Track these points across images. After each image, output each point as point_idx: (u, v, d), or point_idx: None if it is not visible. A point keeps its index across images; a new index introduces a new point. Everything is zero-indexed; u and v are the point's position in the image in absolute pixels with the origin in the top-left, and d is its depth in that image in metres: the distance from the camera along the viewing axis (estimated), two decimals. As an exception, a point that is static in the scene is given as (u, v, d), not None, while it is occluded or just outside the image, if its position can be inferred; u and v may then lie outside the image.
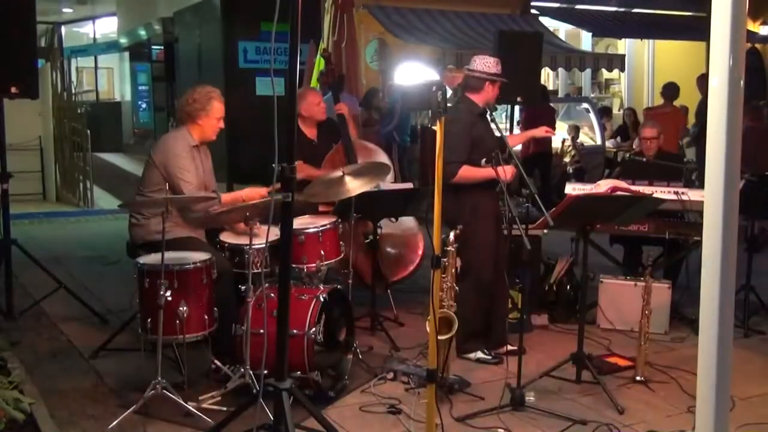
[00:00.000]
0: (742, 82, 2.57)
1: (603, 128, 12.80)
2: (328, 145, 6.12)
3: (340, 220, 5.24)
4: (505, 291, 5.31)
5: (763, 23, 17.18)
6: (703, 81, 11.23)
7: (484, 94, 5.08)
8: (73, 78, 19.79)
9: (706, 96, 9.68)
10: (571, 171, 11.52)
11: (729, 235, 2.57)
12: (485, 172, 4.84)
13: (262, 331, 4.12)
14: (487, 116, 4.99)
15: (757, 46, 17.04)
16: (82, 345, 5.32)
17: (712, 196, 2.60)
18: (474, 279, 5.00)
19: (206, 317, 4.32)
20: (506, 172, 4.75)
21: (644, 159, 6.37)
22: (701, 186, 5.28)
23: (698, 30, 12.52)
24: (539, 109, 10.30)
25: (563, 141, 11.89)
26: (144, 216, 4.88)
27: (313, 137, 6.09)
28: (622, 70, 13.90)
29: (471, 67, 5.10)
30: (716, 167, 2.57)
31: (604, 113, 13.53)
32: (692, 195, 5.56)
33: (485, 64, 5.05)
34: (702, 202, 2.74)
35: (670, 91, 11.04)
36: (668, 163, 6.26)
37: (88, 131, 11.46)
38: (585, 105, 13.18)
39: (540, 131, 5.85)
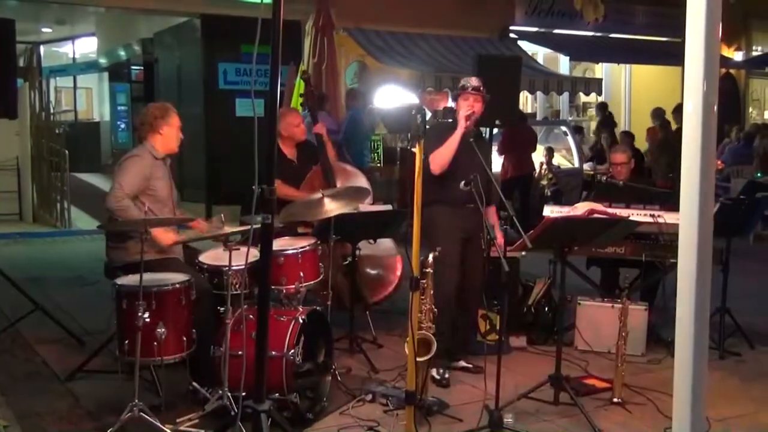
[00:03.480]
0: (715, 107, 2.61)
1: (581, 151, 12.90)
2: (308, 166, 6.14)
3: (319, 242, 5.25)
4: (471, 312, 5.32)
5: (738, 49, 17.48)
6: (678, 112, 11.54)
7: (457, 108, 5.24)
8: (52, 98, 19.67)
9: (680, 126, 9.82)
10: (548, 193, 11.59)
11: (704, 258, 2.60)
12: (450, 140, 4.98)
13: (240, 352, 4.10)
14: (470, 140, 5.02)
15: (732, 71, 17.33)
16: (58, 367, 5.26)
17: (686, 219, 2.64)
18: (437, 296, 4.93)
19: (184, 339, 4.30)
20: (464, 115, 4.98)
21: (620, 183, 6.42)
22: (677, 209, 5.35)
23: (674, 55, 12.70)
24: (518, 131, 10.39)
25: (540, 164, 11.97)
26: (121, 238, 4.85)
27: (293, 158, 6.10)
28: (599, 93, 14.08)
29: None
30: (691, 190, 2.61)
31: (577, 131, 13.68)
32: (668, 218, 5.62)
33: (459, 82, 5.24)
34: (678, 225, 2.77)
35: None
36: (643, 186, 6.31)
37: (66, 151, 11.40)
38: (563, 128, 13.29)
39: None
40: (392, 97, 10.51)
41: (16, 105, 6.06)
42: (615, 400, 4.85)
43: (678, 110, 11.65)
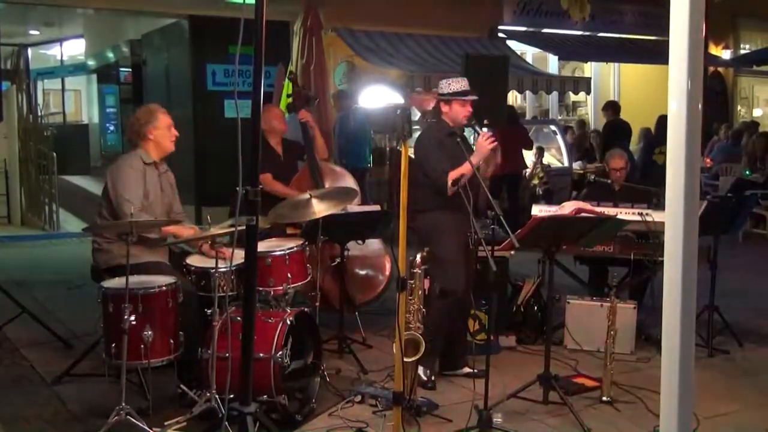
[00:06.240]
0: (700, 105, 2.61)
1: (570, 150, 12.90)
2: (294, 164, 6.16)
3: (307, 243, 5.23)
4: (467, 313, 5.33)
5: (726, 47, 17.53)
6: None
7: (452, 113, 5.12)
8: (40, 100, 19.62)
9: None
10: (540, 193, 11.58)
11: (689, 256, 2.60)
12: (469, 167, 4.84)
13: (227, 354, 4.08)
14: (457, 138, 5.01)
15: (720, 69, 17.38)
16: (45, 371, 5.23)
17: (672, 218, 2.63)
18: (447, 299, 4.99)
19: (171, 341, 4.28)
20: (483, 144, 4.88)
21: (609, 181, 6.44)
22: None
23: (661, 54, 12.71)
24: (509, 129, 10.38)
25: (533, 163, 11.95)
26: (107, 240, 4.82)
27: (280, 153, 6.15)
28: (588, 92, 14.08)
29: (439, 90, 5.17)
30: (676, 189, 2.61)
31: (566, 131, 13.68)
32: (656, 216, 5.62)
33: (448, 84, 5.10)
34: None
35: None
36: (636, 185, 6.33)
37: (54, 154, 11.35)
38: (552, 127, 13.29)
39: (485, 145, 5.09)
40: (378, 97, 10.48)
41: (2, 107, 6.02)
42: (604, 398, 4.85)
43: (659, 122, 11.72)
